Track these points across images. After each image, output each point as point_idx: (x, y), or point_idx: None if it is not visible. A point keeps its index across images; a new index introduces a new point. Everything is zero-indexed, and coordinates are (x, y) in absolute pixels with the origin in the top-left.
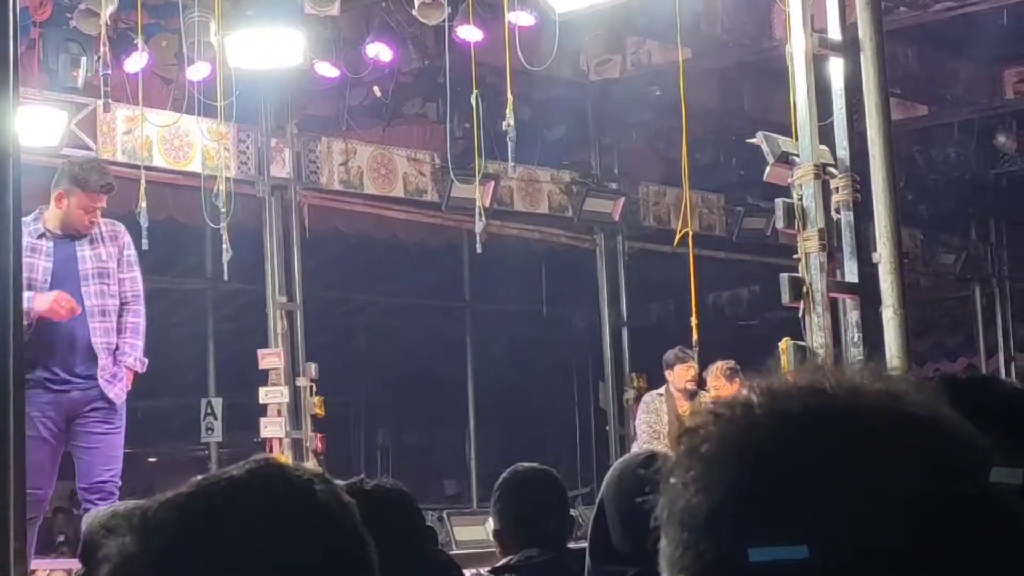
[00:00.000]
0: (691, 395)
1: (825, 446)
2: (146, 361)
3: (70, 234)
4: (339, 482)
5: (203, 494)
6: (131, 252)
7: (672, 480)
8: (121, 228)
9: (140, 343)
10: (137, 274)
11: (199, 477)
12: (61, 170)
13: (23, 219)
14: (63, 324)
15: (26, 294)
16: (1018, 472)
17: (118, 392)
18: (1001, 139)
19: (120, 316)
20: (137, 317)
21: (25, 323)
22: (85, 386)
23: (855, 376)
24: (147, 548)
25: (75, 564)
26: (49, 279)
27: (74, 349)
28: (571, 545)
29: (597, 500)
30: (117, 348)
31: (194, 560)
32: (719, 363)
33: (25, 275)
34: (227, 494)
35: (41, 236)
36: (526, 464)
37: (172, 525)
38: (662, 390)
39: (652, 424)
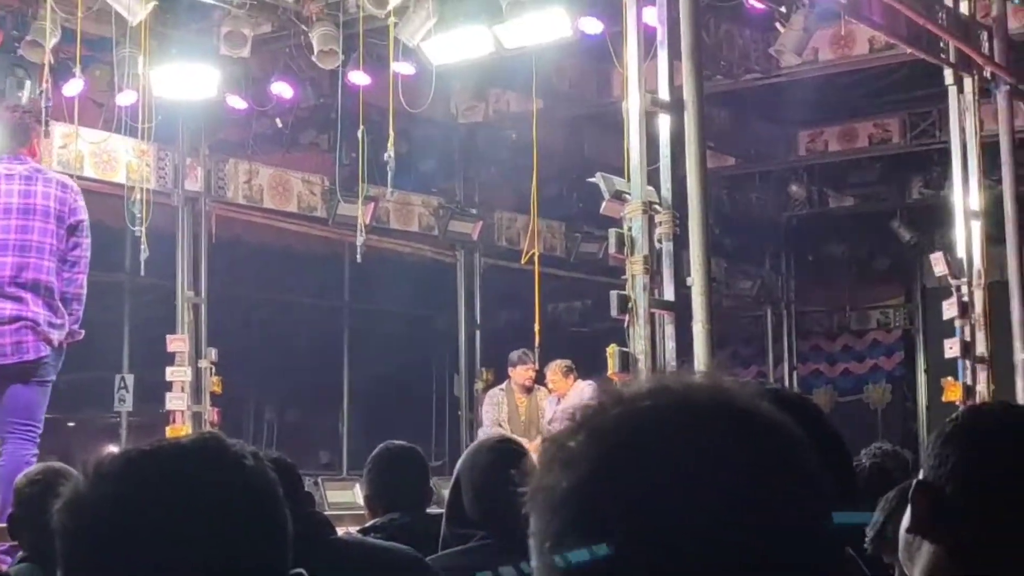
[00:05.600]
0: (528, 390)
1: (662, 434)
2: None
3: None
4: None
5: (151, 452)
6: None
7: (541, 466)
8: None
9: None
10: None
11: (155, 439)
12: None
13: None
14: None
15: None
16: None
17: None
18: (794, 188)
19: None
20: None
21: None
22: None
23: (691, 377)
24: (97, 491)
25: None
26: None
27: None
28: (429, 510)
29: (455, 473)
30: None
31: (134, 506)
32: (557, 361)
33: None
34: (172, 455)
35: None
36: (395, 442)
37: (121, 474)
38: (504, 386)
39: (494, 415)
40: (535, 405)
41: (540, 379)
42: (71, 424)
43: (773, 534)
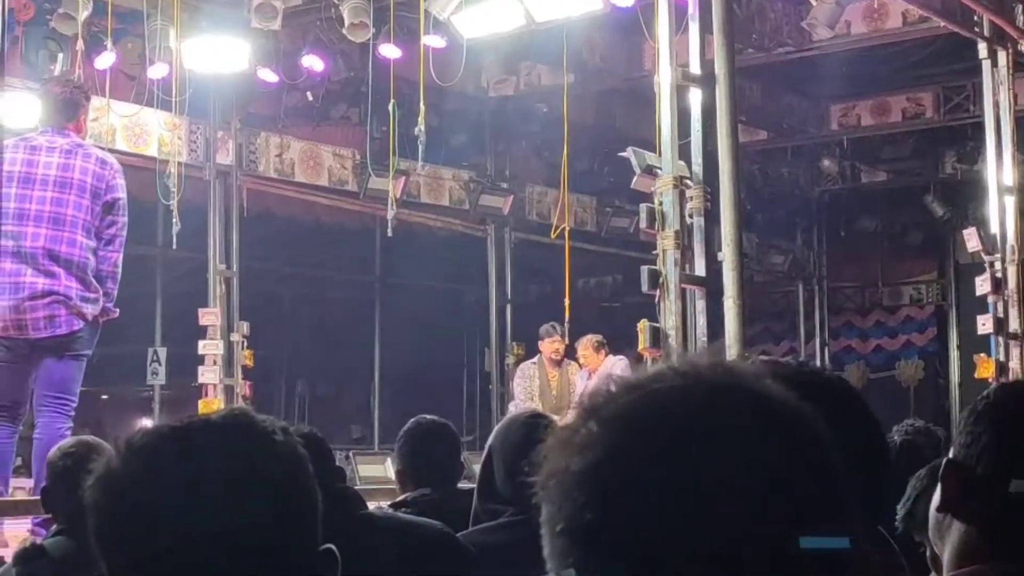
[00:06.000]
0: (557, 364)
1: (672, 417)
2: None
3: None
4: None
5: (182, 429)
6: None
7: (553, 453)
8: None
9: None
10: None
11: (185, 415)
12: None
13: None
14: None
15: None
16: None
17: None
18: (826, 163)
19: None
20: None
21: None
22: None
23: (701, 360)
24: (128, 467)
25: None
26: None
27: None
28: (460, 485)
29: (486, 448)
30: None
31: (165, 481)
32: (588, 336)
33: None
34: (201, 432)
35: None
36: (427, 416)
37: (152, 450)
38: (535, 359)
39: (526, 388)
40: (566, 379)
41: (570, 353)
42: (104, 397)
43: (784, 513)
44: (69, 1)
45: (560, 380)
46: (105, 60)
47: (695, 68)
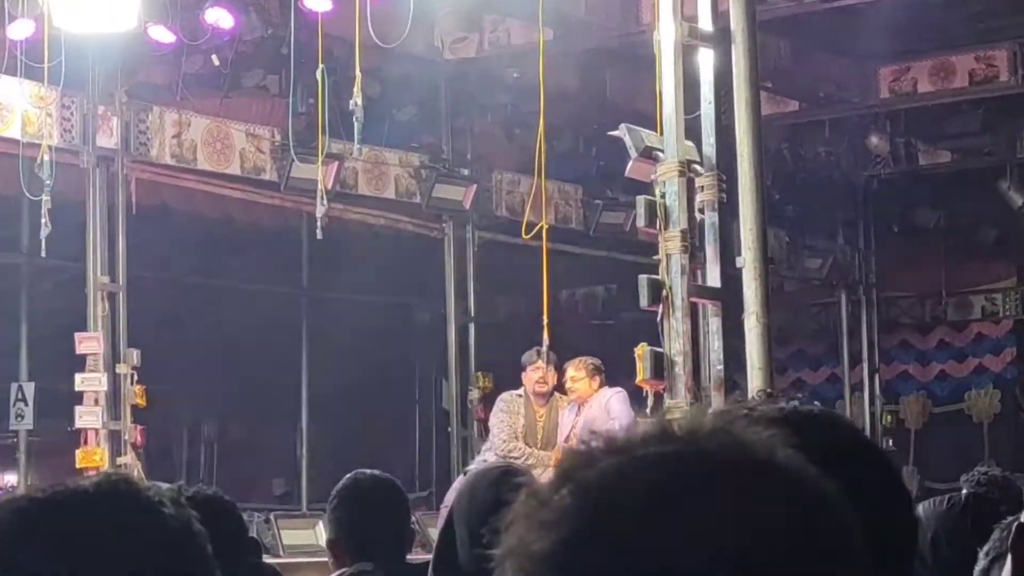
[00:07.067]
0: (544, 398)
1: (663, 491)
2: None
3: None
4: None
5: (45, 501)
6: None
7: (516, 524)
8: None
9: None
10: None
11: (48, 484)
12: None
13: None
14: None
15: None
16: None
17: None
18: (874, 140)
19: None
20: None
21: None
22: None
23: (698, 422)
24: None
25: None
26: None
27: None
28: (410, 558)
29: (446, 513)
30: None
31: (23, 569)
32: (581, 358)
33: None
34: (70, 503)
35: None
36: (367, 471)
37: (7, 529)
38: (520, 390)
39: (512, 424)
40: (555, 417)
41: (560, 378)
42: None
43: None
44: None
45: (548, 418)
46: None
47: (705, 22)
